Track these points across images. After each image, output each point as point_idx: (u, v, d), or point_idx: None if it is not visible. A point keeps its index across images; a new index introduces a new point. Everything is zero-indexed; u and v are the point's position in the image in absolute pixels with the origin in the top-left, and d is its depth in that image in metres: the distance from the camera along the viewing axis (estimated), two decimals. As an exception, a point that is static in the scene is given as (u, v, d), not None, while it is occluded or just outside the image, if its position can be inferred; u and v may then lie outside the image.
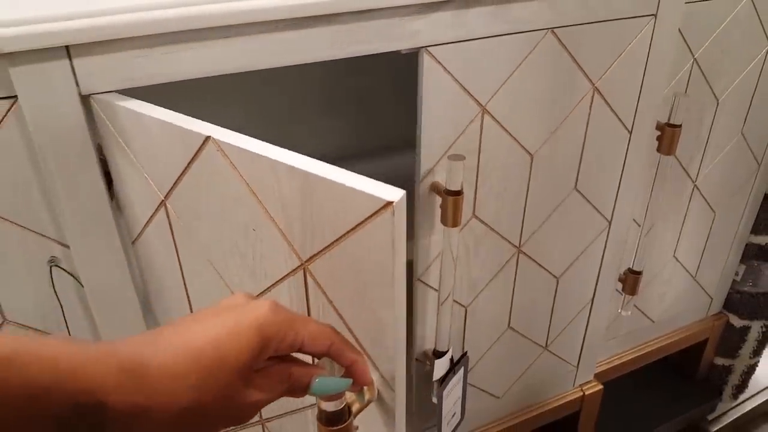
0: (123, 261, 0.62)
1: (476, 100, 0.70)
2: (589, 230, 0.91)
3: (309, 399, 0.55)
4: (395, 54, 0.64)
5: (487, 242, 0.82)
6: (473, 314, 0.87)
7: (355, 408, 0.43)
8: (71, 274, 0.62)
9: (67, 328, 0.64)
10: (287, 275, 0.49)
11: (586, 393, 1.11)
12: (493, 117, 0.72)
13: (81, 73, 0.52)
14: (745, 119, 1.03)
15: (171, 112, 0.52)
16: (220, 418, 0.36)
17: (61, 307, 0.63)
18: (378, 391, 0.46)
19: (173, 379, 0.33)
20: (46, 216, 0.59)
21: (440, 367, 0.83)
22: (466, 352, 0.89)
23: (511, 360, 0.98)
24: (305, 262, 0.47)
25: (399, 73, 1.06)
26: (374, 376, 0.46)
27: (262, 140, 0.46)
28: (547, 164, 0.80)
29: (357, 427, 0.44)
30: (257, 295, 0.53)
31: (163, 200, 0.57)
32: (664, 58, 0.82)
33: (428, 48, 0.64)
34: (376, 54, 0.63)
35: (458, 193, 0.70)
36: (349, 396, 0.43)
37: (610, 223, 0.92)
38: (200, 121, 0.50)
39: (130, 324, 0.65)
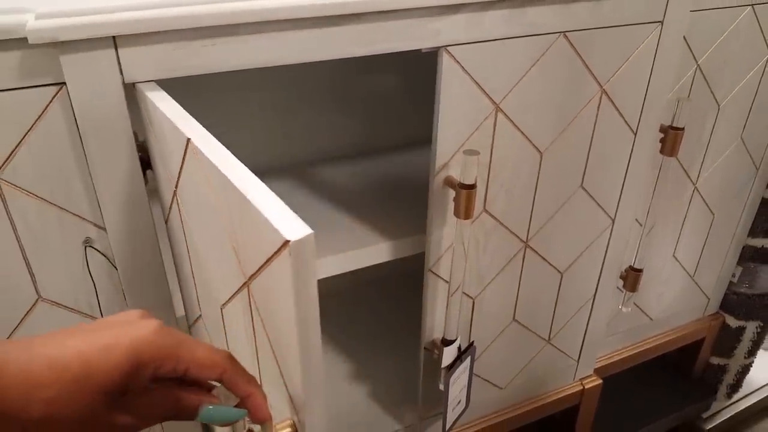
0: (155, 243, 0.65)
1: (491, 99, 0.73)
2: (594, 227, 0.95)
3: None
4: (411, 54, 0.67)
5: (496, 236, 0.86)
6: (480, 306, 0.91)
7: None
8: (104, 255, 0.66)
9: (99, 307, 0.68)
10: (237, 291, 0.48)
11: (586, 387, 1.14)
12: (506, 115, 0.76)
13: (125, 62, 0.55)
14: (745, 125, 1.07)
15: (175, 106, 0.53)
16: None
17: (95, 287, 0.66)
18: (294, 427, 0.42)
19: (31, 388, 0.32)
20: (83, 198, 0.62)
21: (448, 354, 0.86)
22: (473, 342, 0.92)
23: (514, 352, 1.01)
24: (248, 280, 0.44)
25: (413, 72, 1.10)
26: (294, 418, 0.43)
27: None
28: (555, 162, 0.84)
29: None
30: (223, 303, 0.52)
31: (174, 190, 0.60)
32: (669, 64, 0.86)
33: (447, 47, 0.67)
34: (394, 53, 0.66)
35: (472, 187, 0.73)
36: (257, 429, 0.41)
37: (613, 221, 0.96)
38: (190, 119, 0.50)
39: (160, 304, 0.69)
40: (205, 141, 0.46)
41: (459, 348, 0.88)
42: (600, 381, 1.15)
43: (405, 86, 1.11)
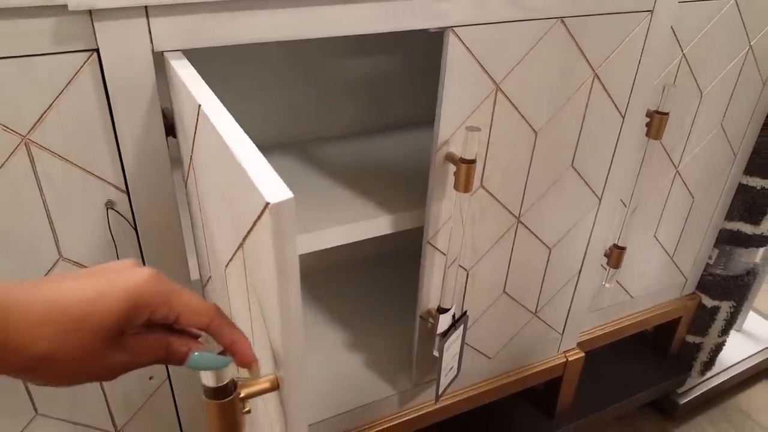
0: (175, 207, 0.69)
1: (492, 79, 0.78)
2: (581, 206, 1.00)
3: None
4: (415, 35, 0.71)
5: (491, 211, 0.90)
6: (473, 278, 0.96)
7: (246, 391, 0.42)
8: (125, 218, 0.69)
9: (118, 265, 0.71)
10: (236, 251, 0.49)
11: (569, 359, 1.20)
12: (505, 95, 0.80)
13: (156, 31, 0.59)
14: (725, 112, 1.12)
15: (193, 74, 0.55)
16: (78, 374, 0.36)
17: (116, 248, 0.70)
18: (278, 383, 0.43)
19: (32, 326, 0.34)
20: (107, 161, 0.65)
21: (444, 321, 0.91)
22: (467, 311, 0.97)
23: (503, 323, 1.06)
24: (242, 241, 0.45)
25: (415, 53, 1.14)
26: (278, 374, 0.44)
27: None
28: (548, 142, 0.88)
29: (249, 410, 0.43)
30: (227, 263, 0.54)
31: (191, 156, 0.64)
32: (657, 52, 0.91)
33: (454, 28, 0.71)
34: (399, 34, 0.70)
35: (472, 162, 0.78)
36: (243, 377, 0.43)
37: (600, 200, 1.01)
38: (205, 87, 0.52)
39: (177, 266, 0.72)
40: (213, 107, 0.48)
41: (453, 316, 0.93)
42: (582, 354, 1.21)
43: (407, 67, 1.15)
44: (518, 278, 1.02)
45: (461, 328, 0.96)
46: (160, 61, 0.61)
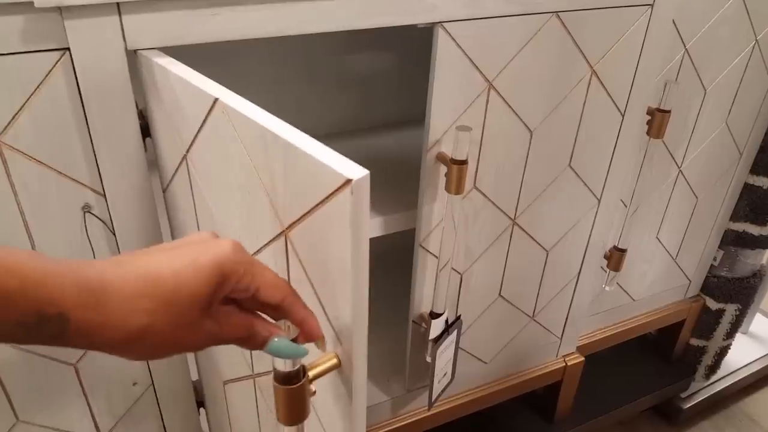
0: (153, 210, 0.67)
1: (484, 76, 0.75)
2: (580, 207, 0.97)
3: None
4: (406, 32, 0.68)
5: (485, 213, 0.88)
6: (467, 281, 0.93)
7: (313, 372, 0.44)
8: (103, 221, 0.67)
9: (96, 270, 0.69)
10: (271, 240, 0.51)
11: (569, 364, 1.17)
12: (498, 93, 0.77)
13: (129, 29, 0.56)
14: (730, 110, 1.09)
15: (191, 71, 0.55)
16: (171, 344, 0.37)
17: (93, 253, 0.68)
18: (338, 361, 0.46)
19: (129, 301, 0.35)
20: (83, 165, 0.63)
21: (436, 326, 0.88)
22: (460, 316, 0.94)
23: (499, 327, 1.04)
24: (286, 229, 0.47)
25: (407, 51, 1.11)
26: (338, 351, 0.46)
27: (273, 109, 0.46)
28: (544, 141, 0.86)
29: (314, 392, 0.44)
30: (252, 254, 0.53)
31: (185, 154, 0.62)
32: (658, 47, 0.88)
33: (443, 23, 0.69)
34: (389, 31, 0.67)
35: (463, 162, 0.75)
36: (310, 360, 0.44)
37: (599, 201, 0.98)
38: (212, 82, 0.52)
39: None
40: (236, 99, 0.48)
41: (446, 321, 0.90)
42: (582, 358, 1.18)
43: (399, 64, 1.13)
44: (514, 281, 0.99)
45: (455, 333, 0.93)
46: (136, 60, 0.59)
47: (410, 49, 1.11)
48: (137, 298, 0.35)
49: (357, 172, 0.38)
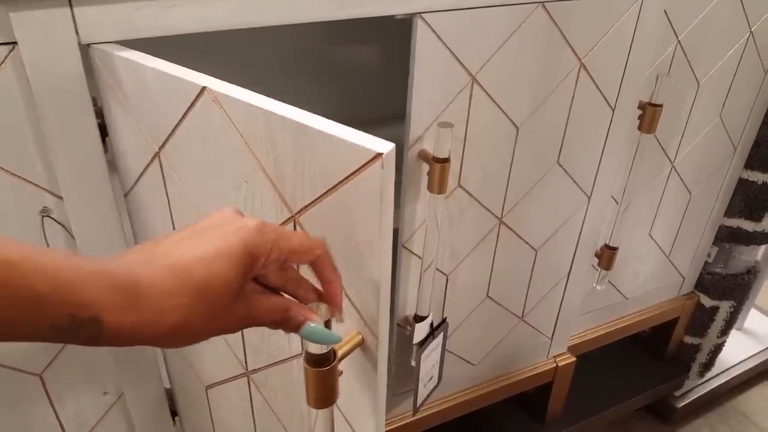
0: (115, 213, 0.63)
1: (467, 70, 0.71)
2: (569, 205, 0.94)
3: (295, 348, 0.58)
4: (390, 25, 0.65)
5: (471, 212, 0.84)
6: (453, 282, 0.90)
7: (340, 352, 0.45)
8: (63, 225, 0.63)
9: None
10: (286, 221, 0.50)
11: (559, 364, 1.14)
12: (482, 87, 0.74)
13: (81, 21, 0.52)
14: (724, 103, 1.06)
15: (168, 63, 0.52)
16: (206, 332, 0.37)
17: (52, 257, 0.64)
18: (362, 337, 0.48)
19: (162, 299, 0.34)
20: (39, 166, 0.59)
21: (420, 330, 0.85)
22: (446, 319, 0.91)
23: (488, 329, 1.01)
24: (295, 214, 0.48)
25: (391, 45, 1.07)
26: (359, 327, 0.48)
27: None
28: (531, 137, 0.82)
29: (341, 372, 0.45)
30: None
31: (157, 152, 0.58)
32: (649, 39, 0.84)
33: (422, 14, 0.65)
34: (372, 25, 0.64)
35: (446, 161, 0.72)
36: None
37: (589, 198, 0.95)
38: (196, 72, 0.50)
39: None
40: (229, 87, 0.47)
41: (431, 324, 0.87)
42: (573, 359, 1.15)
43: (381, 58, 1.09)
44: (502, 282, 0.96)
45: (441, 336, 0.90)
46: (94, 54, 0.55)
47: (392, 42, 1.07)
48: (170, 295, 0.35)
49: (385, 146, 0.40)
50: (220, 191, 0.54)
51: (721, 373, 1.46)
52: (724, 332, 1.37)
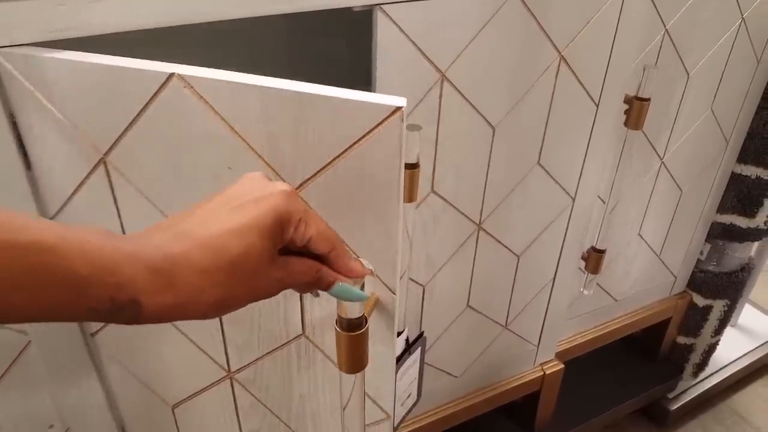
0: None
1: (435, 66, 0.65)
2: (552, 207, 0.88)
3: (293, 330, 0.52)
4: (349, 16, 0.59)
5: (446, 219, 0.78)
6: (431, 293, 0.84)
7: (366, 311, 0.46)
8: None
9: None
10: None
11: (547, 372, 1.09)
12: (453, 85, 0.68)
13: (-16, 22, 0.46)
14: (715, 95, 1.00)
15: (117, 57, 0.47)
16: (245, 300, 0.37)
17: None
18: (377, 297, 0.49)
19: (201, 276, 0.34)
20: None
21: (395, 346, 0.79)
22: (423, 333, 0.85)
23: (469, 339, 0.95)
24: (296, 189, 0.46)
25: (356, 40, 1.00)
26: (374, 288, 0.49)
27: None
28: (509, 137, 0.76)
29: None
30: None
31: (102, 158, 0.52)
32: (635, 28, 0.78)
33: (382, 5, 0.59)
34: (340, 16, 0.58)
35: (414, 166, 0.65)
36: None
37: (573, 199, 0.89)
38: (154, 61, 0.46)
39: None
40: (201, 70, 0.45)
41: (407, 340, 0.81)
42: (561, 366, 1.10)
43: (349, 54, 1.02)
44: (484, 290, 0.90)
45: (418, 351, 0.84)
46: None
47: (361, 37, 1.00)
48: (207, 273, 0.34)
49: (400, 100, 0.41)
50: (192, 184, 0.50)
51: (715, 372, 1.41)
52: (718, 331, 1.32)
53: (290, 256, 0.39)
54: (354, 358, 0.45)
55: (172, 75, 0.44)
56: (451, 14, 0.63)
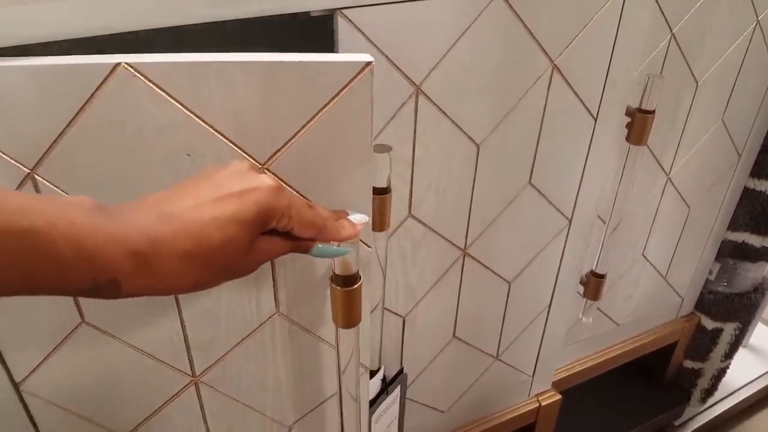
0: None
1: (408, 79, 0.57)
2: (546, 230, 0.80)
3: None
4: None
5: (427, 245, 0.70)
6: (413, 325, 0.76)
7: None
8: None
9: None
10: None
11: (543, 404, 1.01)
12: (429, 99, 0.60)
13: None
14: (727, 105, 0.92)
15: (44, 57, 0.41)
16: (219, 282, 0.39)
17: None
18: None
19: (180, 261, 0.36)
20: None
21: (370, 388, 0.71)
22: (402, 369, 0.77)
23: (457, 372, 0.87)
24: (264, 163, 0.47)
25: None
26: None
27: None
28: (496, 156, 0.68)
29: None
30: None
31: (29, 173, 0.44)
32: (637, 32, 0.70)
33: (343, 10, 0.51)
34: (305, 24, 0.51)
35: (385, 192, 0.58)
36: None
37: (570, 221, 0.81)
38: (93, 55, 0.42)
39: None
40: (149, 56, 0.42)
41: (384, 379, 0.73)
42: (558, 396, 1.02)
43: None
44: (472, 320, 0.82)
45: (397, 390, 0.76)
46: None
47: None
48: (186, 258, 0.36)
49: (366, 56, 0.44)
50: (145, 179, 0.46)
51: (726, 397, 1.33)
52: (729, 355, 1.23)
53: (265, 236, 0.41)
54: (349, 313, 0.50)
55: (117, 65, 0.41)
56: (426, 19, 0.55)
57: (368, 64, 0.44)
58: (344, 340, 0.54)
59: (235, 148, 0.46)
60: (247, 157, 0.46)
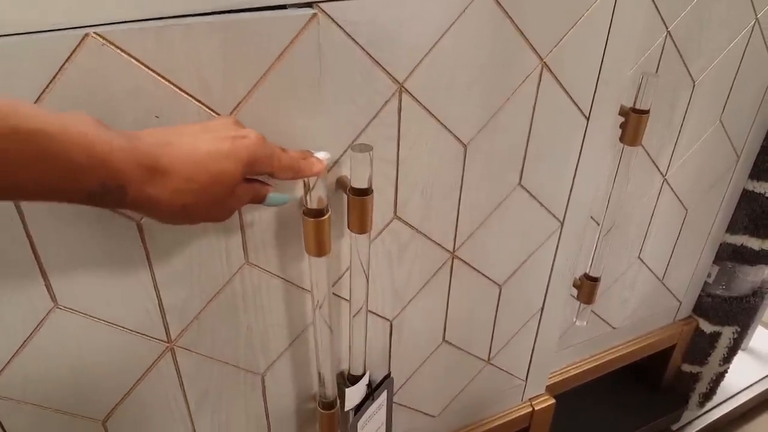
0: None
1: (391, 76, 0.56)
2: (537, 232, 0.78)
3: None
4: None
5: (414, 247, 0.69)
6: (400, 329, 0.74)
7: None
8: None
9: None
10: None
11: (536, 408, 0.99)
12: (413, 97, 0.58)
13: None
14: (725, 105, 0.90)
15: None
16: (203, 217, 0.44)
17: None
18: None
19: (181, 180, 0.40)
20: None
21: (353, 394, 0.70)
22: (389, 374, 0.76)
23: (448, 376, 0.85)
24: (230, 113, 0.49)
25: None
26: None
27: None
28: (484, 156, 0.66)
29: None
30: None
31: None
32: (631, 30, 0.68)
33: (320, 4, 0.49)
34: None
35: (366, 192, 0.56)
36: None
37: (562, 223, 0.79)
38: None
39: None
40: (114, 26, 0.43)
41: (369, 385, 0.72)
42: (552, 401, 1.00)
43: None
44: (462, 323, 0.80)
45: (383, 395, 0.75)
46: None
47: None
48: (187, 179, 0.40)
49: (311, 9, 0.48)
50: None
51: (724, 401, 1.31)
52: (727, 359, 1.21)
53: (243, 182, 0.45)
54: (318, 241, 0.55)
55: (86, 36, 0.42)
56: (409, 15, 0.53)
57: (314, 15, 0.48)
58: (316, 268, 0.58)
59: (202, 106, 0.48)
60: (212, 113, 0.48)
